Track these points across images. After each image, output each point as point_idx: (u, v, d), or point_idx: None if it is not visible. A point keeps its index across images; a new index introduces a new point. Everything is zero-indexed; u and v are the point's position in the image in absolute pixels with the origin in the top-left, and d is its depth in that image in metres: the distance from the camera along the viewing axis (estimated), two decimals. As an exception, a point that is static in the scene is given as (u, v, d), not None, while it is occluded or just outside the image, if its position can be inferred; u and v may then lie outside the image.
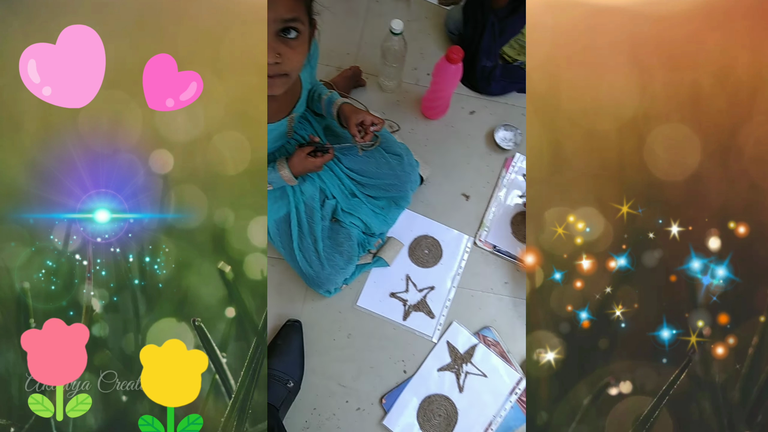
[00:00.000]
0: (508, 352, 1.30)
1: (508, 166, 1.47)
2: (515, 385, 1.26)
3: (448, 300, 1.32)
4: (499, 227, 1.41)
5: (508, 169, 1.47)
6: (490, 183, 1.45)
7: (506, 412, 1.24)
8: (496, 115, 1.52)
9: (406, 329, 1.29)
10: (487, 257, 1.39)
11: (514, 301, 1.36)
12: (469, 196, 1.43)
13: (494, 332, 1.31)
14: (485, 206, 1.43)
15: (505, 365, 1.28)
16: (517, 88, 1.53)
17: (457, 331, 1.29)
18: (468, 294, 1.34)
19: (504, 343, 1.31)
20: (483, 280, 1.36)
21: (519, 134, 1.49)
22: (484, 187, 1.44)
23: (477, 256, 1.38)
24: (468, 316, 1.32)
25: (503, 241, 1.40)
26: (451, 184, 1.43)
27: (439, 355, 1.27)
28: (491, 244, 1.39)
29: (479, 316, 1.33)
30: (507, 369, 1.27)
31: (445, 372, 1.26)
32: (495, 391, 1.25)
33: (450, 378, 1.25)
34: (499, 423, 1.24)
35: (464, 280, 1.35)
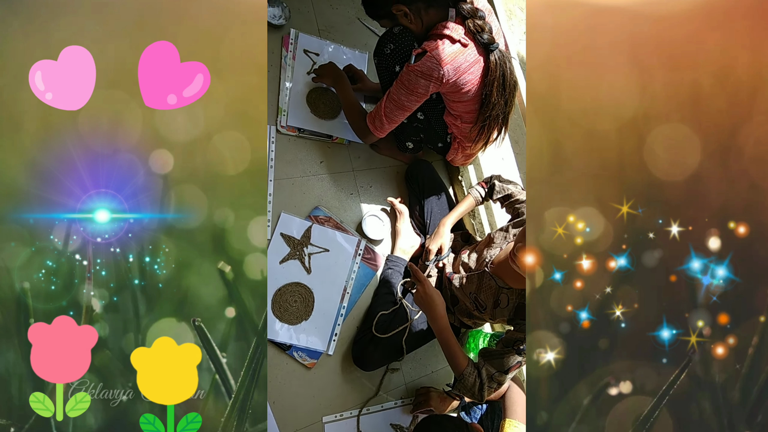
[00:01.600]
0: (342, 222, 1.36)
1: (287, 45, 1.44)
2: (356, 248, 1.35)
3: (270, 195, 1.31)
4: (297, 108, 1.39)
5: (287, 48, 1.43)
6: (274, 65, 1.40)
7: (355, 273, 1.33)
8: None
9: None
10: (296, 142, 1.38)
11: (333, 177, 1.39)
12: None
13: (323, 209, 1.35)
14: (276, 91, 1.38)
15: (342, 234, 1.34)
16: None
17: (288, 220, 1.30)
18: (288, 183, 1.34)
19: (335, 216, 1.36)
20: (298, 165, 1.36)
21: (285, 8, 1.43)
22: (269, 71, 1.39)
23: (284, 143, 1.37)
24: (294, 203, 1.33)
25: (305, 122, 1.39)
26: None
27: (277, 248, 1.27)
28: (294, 128, 1.37)
29: (305, 200, 1.35)
30: (345, 237, 1.34)
31: (287, 262, 1.27)
32: (340, 260, 1.33)
33: (295, 265, 1.27)
34: (352, 285, 1.32)
35: (279, 171, 1.33)
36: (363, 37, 1.61)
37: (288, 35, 1.45)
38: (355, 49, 1.56)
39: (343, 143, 1.45)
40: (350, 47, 1.55)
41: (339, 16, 1.59)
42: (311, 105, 1.40)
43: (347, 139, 1.44)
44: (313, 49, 1.48)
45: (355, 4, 1.62)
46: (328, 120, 1.42)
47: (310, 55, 1.47)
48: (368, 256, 1.37)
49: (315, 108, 1.41)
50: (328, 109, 1.42)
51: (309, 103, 1.40)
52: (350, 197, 1.42)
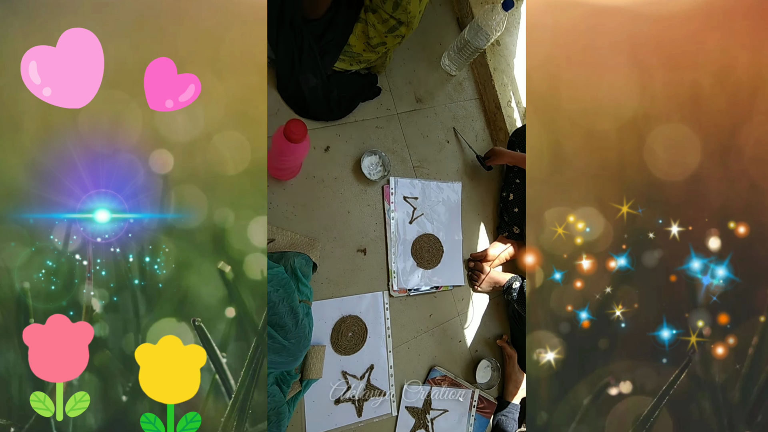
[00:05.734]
0: (456, 377, 1.33)
1: (388, 196, 1.34)
2: (471, 400, 1.33)
3: (390, 368, 1.27)
4: (405, 265, 1.32)
5: (389, 200, 1.34)
6: (379, 223, 1.32)
7: (472, 426, 1.32)
8: (353, 140, 1.35)
9: (366, 423, 1.22)
10: (406, 302, 1.32)
11: (442, 328, 1.35)
12: (365, 248, 1.30)
13: (439, 369, 1.32)
14: (384, 251, 1.31)
15: (457, 391, 1.32)
16: (362, 99, 1.36)
17: (410, 392, 1.28)
18: (404, 348, 1.29)
19: (449, 372, 1.33)
20: (412, 327, 1.31)
21: (383, 155, 1.34)
22: (375, 231, 1.32)
23: (397, 306, 1.30)
24: (413, 369, 1.29)
25: (414, 279, 1.33)
26: (342, 245, 1.28)
27: (404, 422, 1.26)
28: (405, 289, 1.31)
29: (422, 361, 1.31)
30: (460, 392, 1.33)
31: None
32: (458, 417, 1.32)
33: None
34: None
35: (396, 338, 1.28)
36: (454, 162, 1.51)
37: (387, 185, 1.36)
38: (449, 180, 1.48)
39: (448, 289, 1.41)
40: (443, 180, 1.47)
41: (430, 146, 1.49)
42: (416, 256, 1.35)
43: (451, 285, 1.39)
44: (412, 194, 1.41)
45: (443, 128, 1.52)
46: (432, 268, 1.37)
47: (410, 201, 1.40)
48: (482, 405, 1.36)
49: (419, 259, 1.35)
50: (431, 257, 1.37)
51: (413, 255, 1.35)
52: (455, 340, 1.38)
